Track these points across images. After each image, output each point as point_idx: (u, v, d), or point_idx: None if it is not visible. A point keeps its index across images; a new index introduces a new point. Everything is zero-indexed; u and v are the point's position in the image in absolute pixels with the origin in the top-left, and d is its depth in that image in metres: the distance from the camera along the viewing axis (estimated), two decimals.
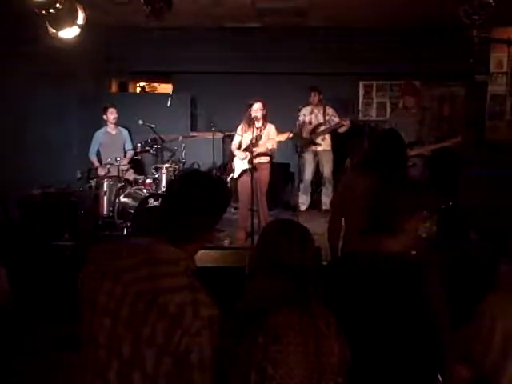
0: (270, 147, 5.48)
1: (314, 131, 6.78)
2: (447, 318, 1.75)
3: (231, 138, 5.88)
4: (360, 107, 8.20)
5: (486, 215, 5.14)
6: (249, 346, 1.52)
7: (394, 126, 5.09)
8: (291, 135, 5.69)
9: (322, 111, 6.75)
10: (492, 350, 1.64)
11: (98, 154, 6.75)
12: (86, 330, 1.48)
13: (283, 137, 5.50)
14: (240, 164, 5.56)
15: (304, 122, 6.80)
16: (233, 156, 5.76)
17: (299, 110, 5.92)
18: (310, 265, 1.63)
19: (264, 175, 5.58)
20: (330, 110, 6.77)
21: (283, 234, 1.68)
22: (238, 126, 5.66)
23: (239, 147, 5.63)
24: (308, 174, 6.89)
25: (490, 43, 5.99)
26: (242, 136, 5.55)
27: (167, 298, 1.38)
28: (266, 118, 5.46)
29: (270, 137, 5.48)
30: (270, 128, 5.51)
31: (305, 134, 6.77)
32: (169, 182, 5.88)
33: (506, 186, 5.23)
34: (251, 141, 5.29)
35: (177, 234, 1.50)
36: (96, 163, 6.64)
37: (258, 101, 5.40)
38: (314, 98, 6.71)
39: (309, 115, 6.80)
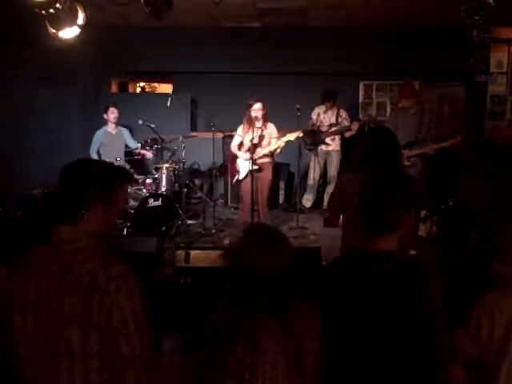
0: (275, 147, 5.48)
1: (325, 131, 6.86)
2: (444, 320, 1.74)
3: (231, 138, 5.88)
4: (360, 107, 8.21)
5: (486, 215, 5.13)
6: (225, 355, 1.51)
7: (393, 126, 5.09)
8: (301, 134, 5.67)
9: (335, 112, 6.86)
10: (491, 345, 1.66)
11: (99, 154, 6.75)
12: (23, 343, 1.48)
13: (293, 136, 5.47)
14: (245, 165, 5.56)
15: (317, 120, 6.89)
16: (234, 157, 5.74)
17: (298, 110, 5.92)
18: (283, 268, 1.58)
19: (267, 175, 5.60)
20: (343, 113, 6.90)
21: (250, 239, 1.65)
22: (238, 126, 5.66)
23: (240, 148, 5.64)
24: (316, 172, 6.93)
25: (489, 43, 5.97)
26: (243, 137, 5.55)
27: (76, 271, 1.43)
28: (266, 118, 5.48)
29: (272, 136, 5.51)
30: (271, 128, 5.53)
31: (321, 129, 6.89)
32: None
33: (506, 185, 5.23)
34: (251, 141, 5.31)
35: (65, 213, 1.56)
36: None
37: (258, 101, 5.41)
38: (328, 104, 6.84)
39: (322, 114, 6.92)
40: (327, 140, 6.88)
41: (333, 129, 6.85)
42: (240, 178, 5.65)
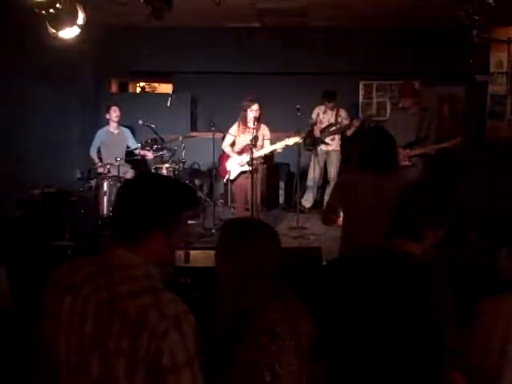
0: (271, 150, 5.50)
1: (325, 130, 6.89)
2: (451, 326, 1.72)
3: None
4: (360, 107, 8.21)
5: (486, 215, 5.13)
6: (256, 348, 1.53)
7: (393, 125, 5.09)
8: (300, 140, 5.67)
9: (334, 112, 6.89)
10: (491, 354, 1.66)
11: (99, 153, 6.74)
12: (51, 352, 1.41)
13: (291, 141, 5.46)
14: (236, 165, 5.58)
15: (317, 120, 6.91)
16: (225, 156, 5.75)
17: (298, 110, 5.93)
18: (280, 260, 1.66)
19: (259, 175, 5.61)
20: (342, 112, 6.91)
21: (256, 232, 1.68)
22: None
23: (231, 147, 5.65)
24: (316, 172, 6.94)
25: (490, 43, 5.97)
26: (237, 137, 5.57)
27: (127, 304, 1.32)
28: (259, 119, 5.49)
29: (265, 138, 5.53)
30: (264, 129, 5.56)
31: (316, 133, 6.88)
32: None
33: (506, 185, 5.23)
34: (251, 141, 5.32)
35: (124, 235, 1.44)
36: (96, 160, 6.64)
37: (254, 101, 5.41)
38: (329, 104, 6.85)
39: (322, 114, 6.94)
40: (327, 140, 6.90)
41: (333, 128, 6.87)
42: (231, 178, 5.66)
